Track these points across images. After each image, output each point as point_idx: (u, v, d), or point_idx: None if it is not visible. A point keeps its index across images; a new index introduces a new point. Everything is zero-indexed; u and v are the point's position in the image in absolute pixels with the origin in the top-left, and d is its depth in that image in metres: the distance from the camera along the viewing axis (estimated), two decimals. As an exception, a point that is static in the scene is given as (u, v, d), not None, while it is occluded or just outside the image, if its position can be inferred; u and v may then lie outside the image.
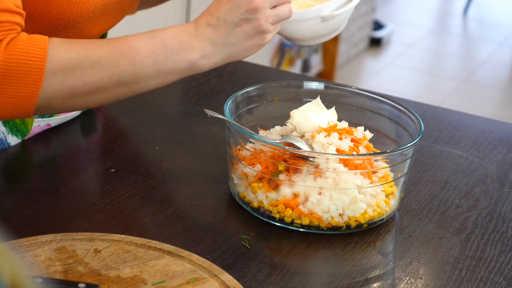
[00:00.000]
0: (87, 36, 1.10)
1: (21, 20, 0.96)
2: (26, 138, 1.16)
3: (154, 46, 1.01)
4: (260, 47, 1.07)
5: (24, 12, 0.97)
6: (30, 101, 0.95)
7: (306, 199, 0.99)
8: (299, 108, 1.06)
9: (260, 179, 1.01)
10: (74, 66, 0.97)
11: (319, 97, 1.08)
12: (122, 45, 1.00)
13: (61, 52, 0.96)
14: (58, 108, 1.00)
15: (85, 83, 0.98)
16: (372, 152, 1.05)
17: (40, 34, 1.04)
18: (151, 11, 1.44)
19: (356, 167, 0.99)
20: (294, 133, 1.06)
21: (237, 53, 1.05)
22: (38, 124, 1.16)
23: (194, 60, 1.03)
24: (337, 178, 0.98)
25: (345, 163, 0.98)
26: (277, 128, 1.10)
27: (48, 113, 1.02)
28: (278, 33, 1.12)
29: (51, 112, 1.03)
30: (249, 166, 1.02)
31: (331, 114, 1.07)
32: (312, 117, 1.05)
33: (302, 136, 1.05)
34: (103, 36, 1.22)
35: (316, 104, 1.06)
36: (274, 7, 1.05)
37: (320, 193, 0.98)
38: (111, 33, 1.33)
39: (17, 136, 1.14)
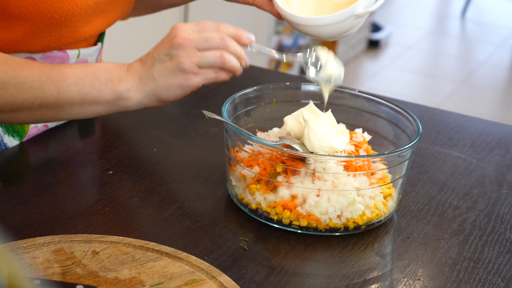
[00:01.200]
0: (81, 35, 1.10)
1: None
2: (24, 140, 1.16)
3: (84, 74, 1.04)
4: (185, 88, 1.05)
5: None
6: None
7: (304, 201, 0.99)
8: (292, 114, 1.06)
9: (258, 181, 1.01)
10: (0, 84, 1.00)
11: (311, 102, 1.08)
12: (53, 70, 1.04)
13: None
14: None
15: (7, 102, 1.01)
16: (370, 154, 1.05)
17: (34, 33, 1.05)
18: (150, 16, 1.44)
19: (355, 169, 0.99)
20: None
21: (159, 90, 1.05)
22: (35, 125, 1.16)
23: (119, 92, 1.05)
24: (335, 180, 0.98)
25: (344, 166, 0.99)
26: (275, 129, 1.10)
27: None
28: (309, 35, 1.11)
29: None
30: (247, 168, 1.02)
31: (327, 117, 1.06)
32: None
33: (299, 138, 1.05)
34: (101, 36, 1.22)
35: (310, 109, 1.06)
36: (204, 50, 1.04)
37: (318, 195, 0.98)
38: (109, 36, 1.33)
39: (13, 136, 1.14)
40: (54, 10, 1.04)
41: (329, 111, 1.08)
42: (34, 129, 1.16)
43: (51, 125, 1.19)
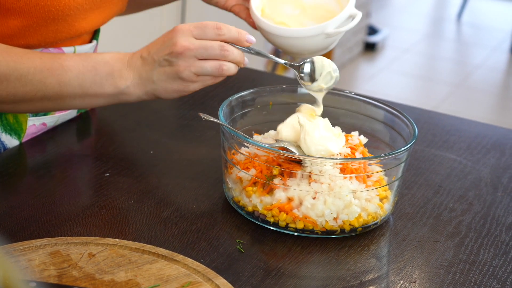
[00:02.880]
0: (77, 30, 1.10)
1: None
2: (23, 140, 1.16)
3: (84, 68, 1.06)
4: (183, 93, 1.08)
5: None
6: None
7: (301, 203, 0.99)
8: (284, 121, 1.06)
9: (255, 183, 1.01)
10: (1, 77, 1.01)
11: (305, 104, 1.08)
12: (54, 63, 1.04)
13: None
14: None
15: (9, 94, 1.02)
16: (366, 156, 1.05)
17: (30, 27, 1.05)
18: (146, 12, 1.44)
19: (351, 171, 0.99)
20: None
21: (158, 91, 1.08)
22: (33, 123, 1.16)
23: (121, 88, 1.07)
24: (331, 183, 0.98)
25: (340, 168, 0.99)
26: (272, 132, 1.11)
27: None
28: (278, 47, 1.12)
29: None
30: (243, 171, 1.02)
31: (322, 120, 1.06)
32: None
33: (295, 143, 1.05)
34: (96, 33, 1.22)
35: (305, 111, 1.07)
36: (204, 59, 1.05)
37: (314, 198, 0.98)
38: (104, 32, 1.33)
39: (11, 135, 1.14)
40: (51, 4, 1.05)
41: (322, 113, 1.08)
42: (32, 127, 1.16)
43: (49, 124, 1.19)
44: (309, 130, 1.02)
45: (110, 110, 1.30)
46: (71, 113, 1.22)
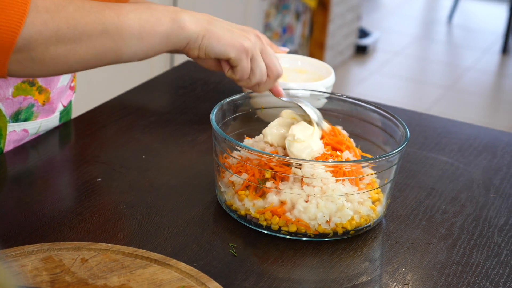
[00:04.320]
0: None
1: None
2: (5, 148, 1.15)
3: (140, 6, 1.01)
4: (233, 49, 1.04)
5: None
6: (11, 38, 0.88)
7: (293, 207, 0.99)
8: (269, 124, 1.07)
9: (247, 187, 1.01)
10: (59, 7, 0.93)
11: (282, 112, 1.09)
12: (109, 2, 0.99)
13: None
14: (38, 56, 0.93)
15: (70, 26, 0.93)
16: (358, 159, 1.05)
17: None
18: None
19: (343, 174, 0.99)
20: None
21: (211, 34, 1.03)
22: (14, 130, 1.15)
23: (177, 19, 1.02)
24: (324, 186, 0.98)
25: (333, 171, 0.99)
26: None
27: (25, 67, 0.94)
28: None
29: (29, 65, 0.94)
30: (235, 174, 1.02)
31: (297, 126, 1.06)
32: (285, 130, 1.05)
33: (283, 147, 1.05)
34: None
35: (283, 119, 1.08)
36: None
37: (306, 201, 0.98)
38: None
39: None
40: None
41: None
42: (12, 133, 1.15)
43: (31, 132, 1.17)
44: (291, 141, 1.03)
45: (101, 114, 1.29)
46: (53, 121, 1.22)
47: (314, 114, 1.08)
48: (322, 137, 1.06)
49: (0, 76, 0.91)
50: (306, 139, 1.03)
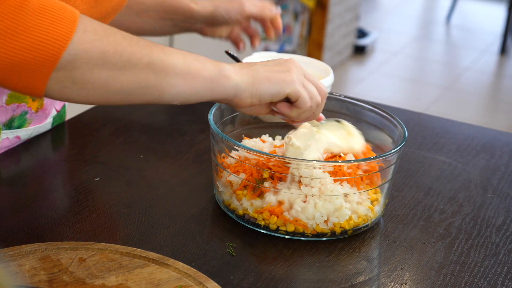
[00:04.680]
0: None
1: None
2: None
3: (185, 52, 0.98)
4: (284, 85, 0.99)
5: None
6: (57, 51, 0.85)
7: (291, 207, 0.99)
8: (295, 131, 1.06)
9: (245, 187, 1.01)
10: (107, 32, 0.90)
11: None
12: (154, 43, 0.96)
13: (92, 20, 0.90)
14: (80, 77, 0.89)
15: (117, 51, 0.90)
16: (356, 159, 1.05)
17: None
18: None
19: (343, 174, 0.99)
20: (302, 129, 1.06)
21: (259, 78, 0.99)
22: (7, 137, 1.14)
23: (221, 67, 0.98)
24: (322, 187, 0.98)
25: (332, 172, 0.99)
26: (264, 137, 1.11)
27: (64, 87, 0.89)
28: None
29: (69, 86, 0.89)
30: (233, 174, 1.02)
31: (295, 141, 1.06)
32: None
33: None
34: None
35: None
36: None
37: (304, 201, 0.98)
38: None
39: None
40: None
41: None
42: (5, 140, 1.14)
43: (23, 138, 1.17)
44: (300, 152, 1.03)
45: (100, 114, 1.29)
46: (45, 127, 1.21)
47: (355, 130, 1.08)
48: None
49: (37, 95, 0.88)
50: (302, 146, 1.02)
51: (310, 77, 1.02)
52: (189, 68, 0.95)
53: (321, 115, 1.07)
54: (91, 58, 0.88)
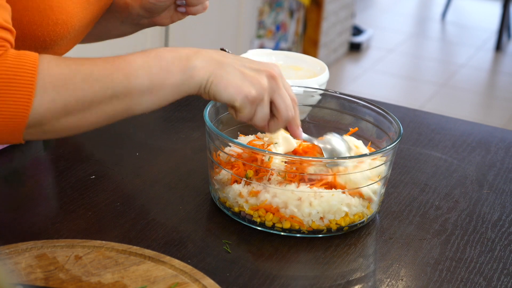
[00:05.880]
0: (60, 55, 1.09)
1: (10, 37, 0.92)
2: None
3: (148, 57, 0.97)
4: (239, 92, 0.96)
5: (14, 30, 0.93)
6: (21, 120, 0.90)
7: (286, 206, 0.99)
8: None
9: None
10: (66, 81, 0.92)
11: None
12: (116, 59, 0.96)
13: (52, 67, 0.92)
14: (50, 128, 0.94)
15: (78, 99, 0.93)
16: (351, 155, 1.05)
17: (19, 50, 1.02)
18: (129, 36, 1.40)
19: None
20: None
21: (219, 79, 0.97)
22: None
23: (188, 66, 0.97)
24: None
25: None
26: (260, 134, 1.11)
27: (38, 137, 0.95)
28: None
29: (42, 136, 0.95)
30: (225, 169, 1.02)
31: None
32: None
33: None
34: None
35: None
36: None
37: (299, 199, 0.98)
38: (84, 55, 1.32)
39: None
40: (47, 34, 1.03)
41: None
42: None
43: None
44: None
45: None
46: None
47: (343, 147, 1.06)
48: None
49: (17, 142, 0.94)
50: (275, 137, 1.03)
51: (280, 97, 0.98)
52: (153, 83, 0.96)
53: (299, 134, 1.01)
54: (54, 113, 0.91)
